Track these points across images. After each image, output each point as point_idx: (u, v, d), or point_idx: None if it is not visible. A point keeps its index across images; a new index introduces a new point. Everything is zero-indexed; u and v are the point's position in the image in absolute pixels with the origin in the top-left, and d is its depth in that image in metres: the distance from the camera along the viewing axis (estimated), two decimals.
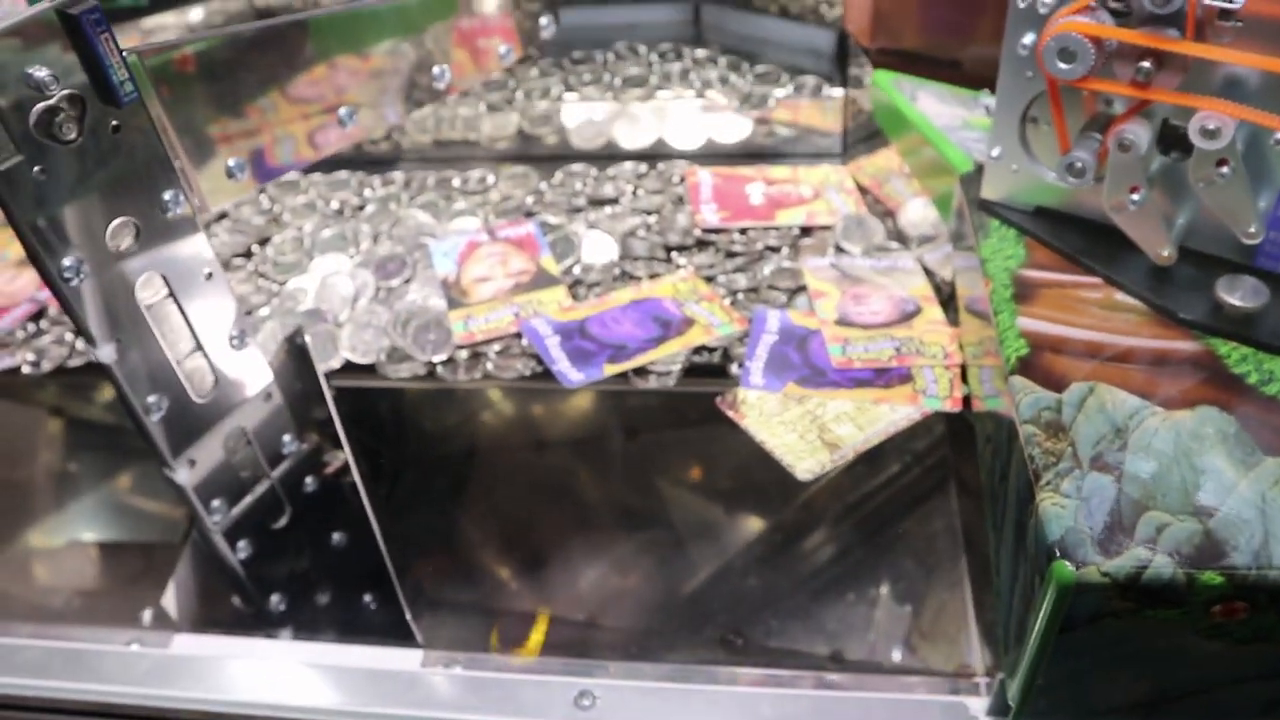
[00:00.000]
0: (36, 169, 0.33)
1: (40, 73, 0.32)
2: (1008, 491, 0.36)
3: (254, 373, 0.45)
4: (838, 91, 0.74)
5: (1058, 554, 0.29)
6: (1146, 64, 0.36)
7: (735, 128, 0.73)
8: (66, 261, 0.35)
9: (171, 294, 0.40)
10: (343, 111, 0.45)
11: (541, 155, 0.75)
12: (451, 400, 0.56)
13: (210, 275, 0.41)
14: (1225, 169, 0.36)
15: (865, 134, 0.69)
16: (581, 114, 0.75)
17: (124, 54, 0.34)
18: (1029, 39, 0.40)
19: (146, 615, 0.45)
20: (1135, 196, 0.38)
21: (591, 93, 0.77)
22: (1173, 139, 0.39)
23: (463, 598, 0.46)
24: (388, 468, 0.52)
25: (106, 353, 0.38)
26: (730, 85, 0.76)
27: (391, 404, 0.56)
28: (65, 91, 0.33)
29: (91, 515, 0.53)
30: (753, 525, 0.48)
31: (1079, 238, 0.42)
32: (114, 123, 0.35)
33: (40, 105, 0.33)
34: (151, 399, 0.40)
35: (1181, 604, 0.29)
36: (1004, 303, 0.40)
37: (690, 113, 0.74)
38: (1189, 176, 0.37)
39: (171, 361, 0.40)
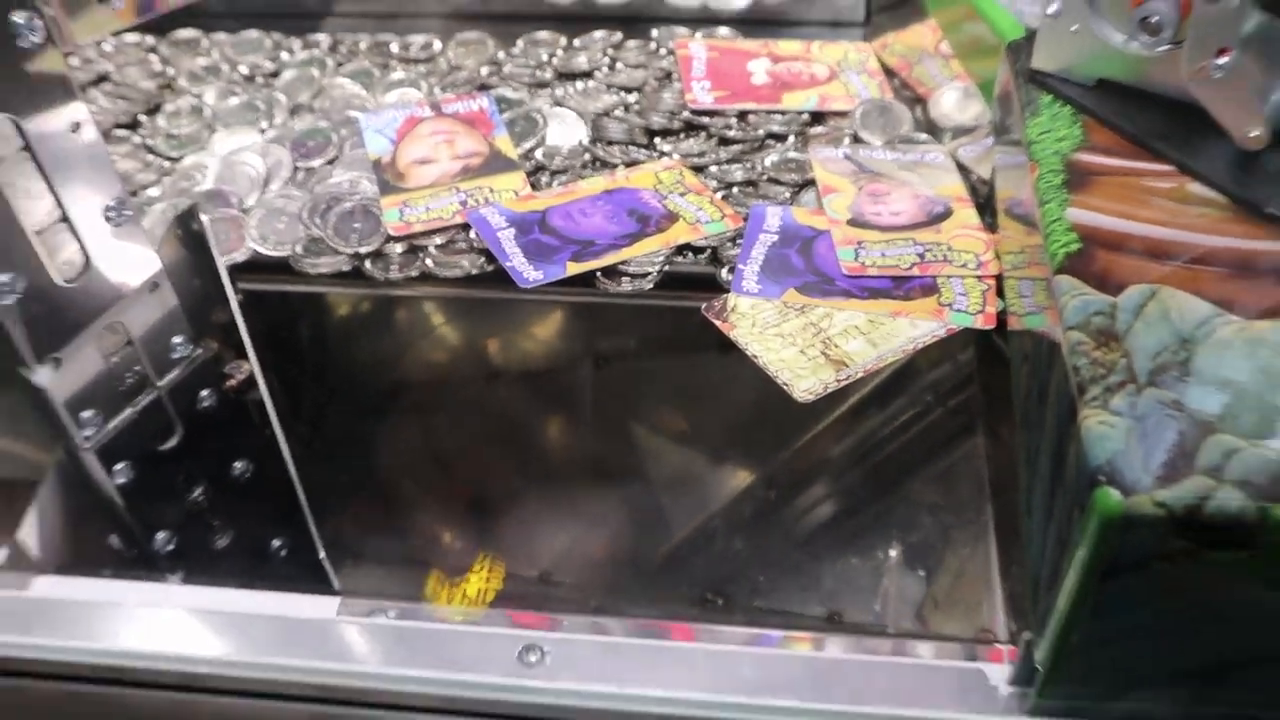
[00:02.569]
0: None
1: None
2: (1045, 415, 0.36)
3: (137, 258, 0.44)
4: None
5: (1102, 480, 0.29)
6: None
7: None
8: None
9: (26, 145, 0.38)
10: None
11: (502, 13, 0.73)
12: (382, 303, 0.55)
13: (78, 127, 0.39)
14: None
15: (894, 1, 0.68)
16: None
17: None
18: None
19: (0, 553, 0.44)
20: (1222, 61, 0.38)
21: None
22: None
23: (391, 542, 0.46)
24: (303, 382, 0.52)
25: None
26: None
27: (309, 305, 0.56)
28: None
29: None
30: (741, 461, 0.48)
31: (1149, 116, 0.42)
32: None
33: None
34: (3, 278, 0.39)
35: (1252, 545, 0.29)
36: (1052, 190, 0.40)
37: None
38: None
39: (27, 231, 0.39)
